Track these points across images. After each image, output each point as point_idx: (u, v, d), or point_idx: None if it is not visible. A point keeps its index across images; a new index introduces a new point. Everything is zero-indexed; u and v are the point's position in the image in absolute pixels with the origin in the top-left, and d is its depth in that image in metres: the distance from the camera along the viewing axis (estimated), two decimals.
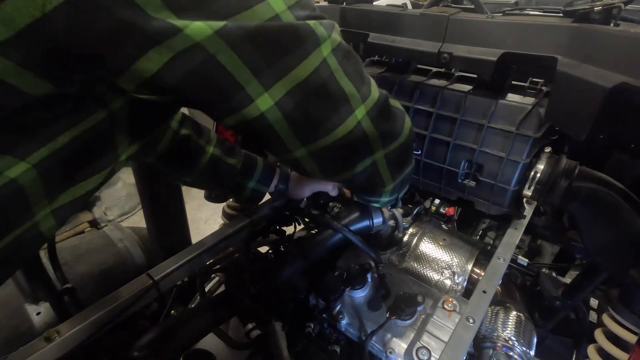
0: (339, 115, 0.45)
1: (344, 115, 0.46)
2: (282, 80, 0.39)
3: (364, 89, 0.48)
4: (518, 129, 0.82)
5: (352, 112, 0.46)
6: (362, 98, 0.47)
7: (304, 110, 0.43)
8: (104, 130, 0.42)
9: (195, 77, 0.36)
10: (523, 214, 0.91)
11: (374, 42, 0.96)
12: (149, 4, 0.31)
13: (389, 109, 0.53)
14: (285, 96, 0.40)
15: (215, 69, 0.36)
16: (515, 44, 0.78)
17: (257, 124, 0.42)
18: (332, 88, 0.44)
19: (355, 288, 0.77)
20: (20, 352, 0.57)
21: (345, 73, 0.44)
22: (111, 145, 0.45)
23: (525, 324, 0.77)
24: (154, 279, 0.74)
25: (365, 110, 0.48)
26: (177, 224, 1.23)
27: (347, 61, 0.45)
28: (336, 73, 0.43)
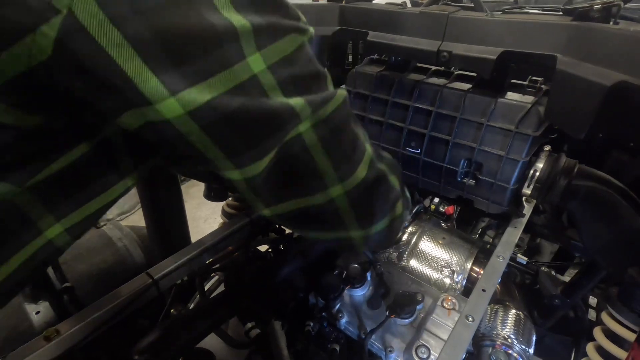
0: (307, 188, 0.44)
1: (314, 190, 0.44)
2: (258, 161, 0.38)
3: (346, 167, 0.45)
4: (517, 127, 0.82)
5: (324, 189, 0.44)
6: (340, 177, 0.44)
7: (274, 179, 0.42)
8: (102, 152, 0.41)
9: (170, 146, 0.36)
10: (522, 213, 0.91)
11: (373, 40, 0.96)
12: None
13: (377, 190, 0.49)
14: (260, 172, 0.40)
15: (186, 146, 0.35)
16: (514, 42, 0.78)
17: (237, 184, 0.41)
18: (302, 163, 0.42)
19: (354, 287, 0.78)
20: (20, 351, 0.57)
21: (325, 149, 0.42)
22: (114, 165, 0.44)
23: (525, 323, 0.77)
24: (154, 277, 0.74)
25: (343, 190, 0.45)
26: (177, 223, 1.23)
27: (333, 136, 0.42)
28: (311, 149, 0.41)
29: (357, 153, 0.46)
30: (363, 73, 1.04)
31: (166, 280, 0.77)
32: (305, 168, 0.42)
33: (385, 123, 1.01)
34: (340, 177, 0.44)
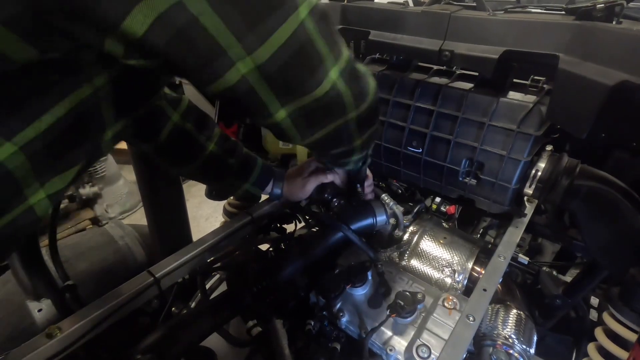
0: (315, 76, 0.46)
1: (321, 76, 0.46)
2: (264, 44, 0.39)
3: (336, 49, 0.48)
4: (519, 127, 0.82)
5: (327, 72, 0.47)
6: (334, 58, 0.47)
7: (284, 72, 0.43)
8: (90, 108, 0.41)
9: (180, 39, 0.36)
10: (524, 213, 0.91)
11: (375, 39, 0.96)
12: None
13: (357, 69, 0.53)
14: (267, 60, 0.40)
15: (198, 32, 0.35)
16: (516, 41, 0.78)
17: (238, 88, 0.41)
18: (309, 50, 0.43)
19: (355, 286, 0.78)
20: (22, 349, 0.58)
21: (321, 34, 0.44)
22: (98, 125, 0.44)
23: (526, 322, 0.77)
24: (155, 276, 0.74)
25: (339, 71, 0.48)
26: (178, 222, 1.24)
27: (323, 22, 0.45)
28: (312, 35, 0.43)
29: (337, 35, 0.49)
30: None
31: (167, 279, 0.78)
32: (312, 55, 0.44)
33: (387, 122, 1.00)
34: (335, 58, 0.47)
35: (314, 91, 0.46)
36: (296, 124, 0.50)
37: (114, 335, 0.70)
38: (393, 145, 1.02)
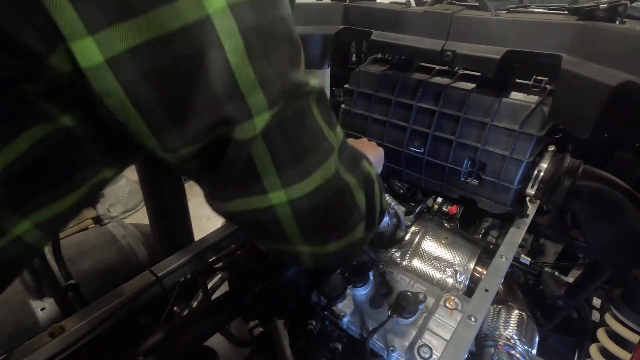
0: (248, 188, 0.38)
1: (253, 191, 0.38)
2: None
3: (293, 171, 0.38)
4: (521, 127, 0.82)
5: (263, 193, 0.38)
6: (283, 182, 0.38)
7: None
8: (63, 145, 0.36)
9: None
10: (526, 213, 0.91)
11: (377, 39, 0.96)
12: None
13: (334, 206, 0.43)
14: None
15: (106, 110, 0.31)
16: (519, 41, 0.77)
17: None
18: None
19: (357, 286, 0.78)
20: (25, 347, 0.58)
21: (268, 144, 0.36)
22: (82, 162, 0.39)
23: (527, 323, 0.77)
24: (157, 275, 0.74)
25: (287, 198, 0.38)
26: (180, 221, 1.24)
27: (281, 131, 0.37)
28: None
29: (315, 155, 0.37)
30: (366, 72, 1.04)
31: (169, 278, 0.78)
32: (242, 164, 0.35)
33: (389, 122, 1.00)
34: (284, 182, 0.37)
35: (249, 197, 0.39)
36: (236, 222, 0.45)
37: (116, 334, 0.71)
38: (395, 145, 1.02)
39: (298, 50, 0.38)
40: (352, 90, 1.07)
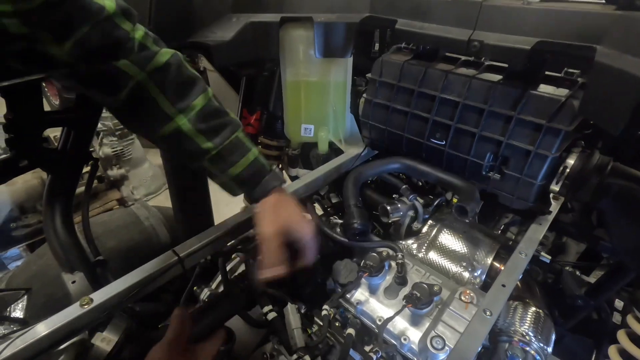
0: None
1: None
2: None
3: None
4: (549, 121, 0.79)
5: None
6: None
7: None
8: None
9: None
10: (549, 210, 0.88)
11: (402, 28, 0.94)
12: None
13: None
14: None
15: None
16: (551, 32, 0.75)
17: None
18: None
19: (372, 275, 0.78)
20: (60, 316, 0.62)
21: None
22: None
23: (544, 321, 0.76)
24: (179, 255, 0.77)
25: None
26: (201, 205, 1.27)
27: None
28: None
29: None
30: (390, 62, 1.02)
31: (190, 259, 0.81)
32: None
33: (410, 113, 0.99)
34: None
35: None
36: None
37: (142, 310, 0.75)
38: (415, 136, 1.01)
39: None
40: (375, 80, 1.06)
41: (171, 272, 0.77)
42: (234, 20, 1.04)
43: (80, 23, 0.52)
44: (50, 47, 0.52)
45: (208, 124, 0.66)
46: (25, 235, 2.16)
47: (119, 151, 2.83)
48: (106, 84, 0.60)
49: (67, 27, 0.51)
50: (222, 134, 0.67)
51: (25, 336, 0.59)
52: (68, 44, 0.52)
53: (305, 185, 1.03)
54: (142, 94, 0.61)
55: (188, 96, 0.65)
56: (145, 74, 0.60)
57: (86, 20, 0.52)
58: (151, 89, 0.61)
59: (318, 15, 1.05)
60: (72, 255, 0.82)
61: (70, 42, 0.52)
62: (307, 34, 1.09)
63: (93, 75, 0.58)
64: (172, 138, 0.65)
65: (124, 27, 0.56)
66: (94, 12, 0.52)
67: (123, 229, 1.38)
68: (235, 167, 0.69)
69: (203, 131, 0.66)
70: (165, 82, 0.62)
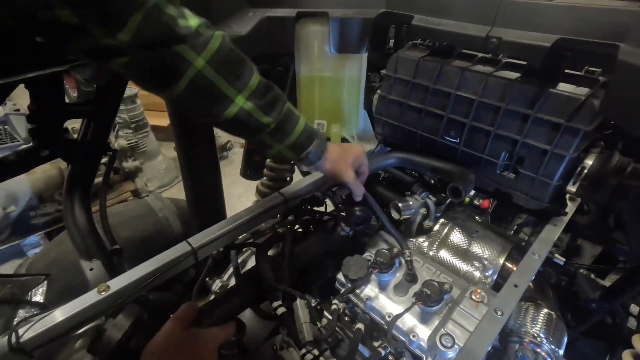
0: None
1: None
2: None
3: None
4: (568, 120, 0.78)
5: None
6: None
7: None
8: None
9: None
10: (564, 211, 0.87)
11: (418, 24, 0.93)
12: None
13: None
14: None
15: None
16: (572, 29, 0.73)
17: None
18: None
19: (382, 271, 0.79)
20: (78, 301, 0.64)
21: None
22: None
23: (557, 323, 0.75)
24: (193, 246, 0.78)
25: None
26: (214, 198, 1.29)
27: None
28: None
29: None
30: (405, 58, 1.02)
31: (203, 250, 0.82)
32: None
33: (425, 110, 0.98)
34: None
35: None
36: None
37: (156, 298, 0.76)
38: (429, 134, 1.00)
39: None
40: (389, 76, 1.05)
41: (185, 262, 0.78)
42: (250, 14, 1.04)
43: (130, 13, 0.53)
44: (106, 39, 0.53)
45: (265, 100, 0.69)
46: (43, 224, 2.23)
47: (134, 143, 2.89)
48: (166, 74, 0.61)
49: (117, 19, 0.52)
50: (277, 107, 0.72)
51: (45, 320, 0.61)
52: (123, 35, 0.53)
53: (317, 181, 1.03)
54: (202, 81, 0.62)
55: (244, 75, 0.66)
56: (204, 60, 0.61)
57: (135, 9, 0.53)
58: (210, 74, 0.62)
59: (334, 11, 1.05)
60: (90, 244, 0.85)
61: (124, 33, 0.53)
62: (323, 30, 1.09)
63: (153, 65, 0.60)
64: (236, 119, 0.67)
65: (170, 12, 0.57)
66: (139, 1, 0.53)
67: (137, 220, 1.41)
68: (292, 135, 0.75)
69: (262, 107, 0.69)
70: (223, 65, 0.63)
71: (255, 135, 0.73)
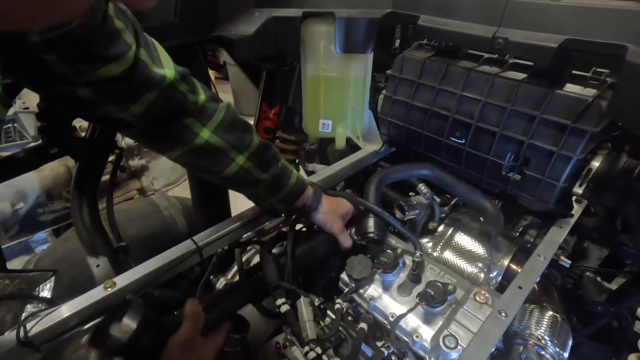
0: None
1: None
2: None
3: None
4: (575, 122, 0.77)
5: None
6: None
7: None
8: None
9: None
10: (570, 213, 0.86)
11: (424, 25, 0.93)
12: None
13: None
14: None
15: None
16: (580, 29, 0.72)
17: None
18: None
19: (386, 271, 0.79)
20: (85, 297, 0.65)
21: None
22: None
23: (561, 325, 0.75)
24: (198, 244, 0.79)
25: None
26: (220, 197, 1.30)
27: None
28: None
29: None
30: (411, 58, 1.01)
31: (208, 248, 0.83)
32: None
33: (430, 111, 0.98)
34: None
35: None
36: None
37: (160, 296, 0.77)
38: (435, 134, 1.00)
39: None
40: (395, 77, 1.05)
41: (190, 260, 0.79)
42: (256, 14, 1.05)
43: (144, 92, 0.56)
44: (118, 112, 0.56)
45: (263, 159, 0.76)
46: (51, 220, 2.26)
47: None
48: (173, 143, 0.66)
49: (132, 96, 0.56)
50: (273, 165, 0.78)
51: (52, 315, 0.62)
52: (135, 109, 0.57)
53: (322, 181, 1.04)
54: (207, 147, 0.68)
55: (245, 139, 0.72)
56: (209, 130, 0.67)
57: (150, 88, 0.57)
58: (215, 140, 0.68)
59: (340, 11, 1.05)
60: (97, 241, 0.86)
61: (137, 107, 0.57)
62: (329, 29, 1.09)
63: (161, 135, 0.65)
64: (235, 176, 0.73)
65: (181, 89, 0.62)
66: (157, 81, 0.57)
67: (143, 218, 1.43)
68: (285, 189, 0.81)
69: (259, 165, 0.75)
70: (227, 133, 0.69)
71: (251, 190, 0.80)
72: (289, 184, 0.81)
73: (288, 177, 0.81)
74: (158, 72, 0.57)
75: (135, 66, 0.53)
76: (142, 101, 0.57)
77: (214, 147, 0.68)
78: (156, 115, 0.60)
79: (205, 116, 0.67)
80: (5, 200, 2.08)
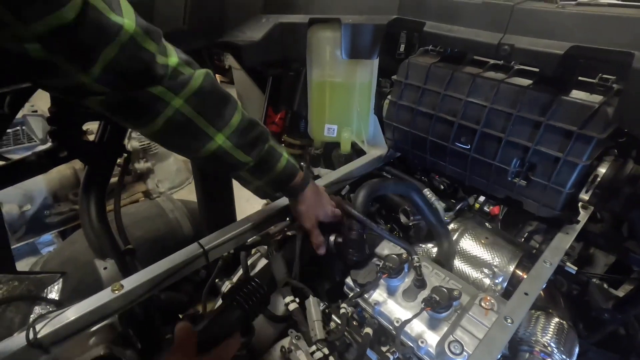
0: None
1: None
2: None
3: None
4: (581, 128, 0.77)
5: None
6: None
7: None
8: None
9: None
10: (577, 219, 0.86)
11: (430, 31, 0.94)
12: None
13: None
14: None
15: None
16: (586, 36, 0.73)
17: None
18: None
19: (391, 276, 0.79)
20: (93, 299, 0.66)
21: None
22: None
23: (568, 332, 0.75)
24: (204, 248, 0.80)
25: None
26: (225, 201, 1.31)
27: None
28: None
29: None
30: (416, 64, 1.02)
31: (214, 252, 0.83)
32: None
33: (435, 116, 0.99)
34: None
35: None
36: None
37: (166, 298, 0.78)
38: (440, 139, 1.00)
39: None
40: (400, 82, 1.06)
41: (196, 263, 0.80)
42: (263, 20, 1.06)
43: (102, 46, 0.49)
44: (79, 75, 0.50)
45: (245, 139, 0.68)
46: (57, 222, 2.28)
47: (146, 145, 2.94)
48: (142, 113, 0.59)
49: (89, 52, 0.49)
50: (258, 146, 0.71)
51: (61, 317, 0.63)
52: (95, 70, 0.50)
53: (327, 185, 1.04)
54: (180, 119, 0.60)
55: (225, 115, 0.65)
56: (182, 99, 0.59)
57: (108, 42, 0.49)
58: (189, 113, 0.61)
59: (346, 17, 1.06)
60: (104, 243, 0.87)
61: (97, 67, 0.50)
62: (334, 35, 1.10)
63: (128, 104, 0.57)
64: (213, 156, 0.66)
65: (148, 48, 0.54)
66: (113, 33, 0.50)
67: (149, 220, 1.44)
68: (271, 173, 0.75)
69: (241, 146, 0.68)
70: (203, 105, 0.62)
71: (234, 171, 0.73)
72: (277, 167, 0.75)
73: (277, 160, 0.74)
74: (113, 20, 0.49)
75: (85, 12, 0.46)
76: (101, 59, 0.49)
77: (186, 121, 0.61)
78: (120, 79, 0.53)
79: (177, 84, 0.58)
80: (12, 202, 2.11)
